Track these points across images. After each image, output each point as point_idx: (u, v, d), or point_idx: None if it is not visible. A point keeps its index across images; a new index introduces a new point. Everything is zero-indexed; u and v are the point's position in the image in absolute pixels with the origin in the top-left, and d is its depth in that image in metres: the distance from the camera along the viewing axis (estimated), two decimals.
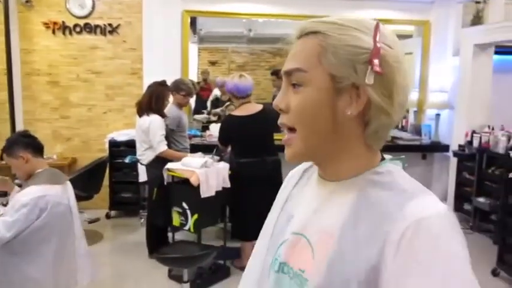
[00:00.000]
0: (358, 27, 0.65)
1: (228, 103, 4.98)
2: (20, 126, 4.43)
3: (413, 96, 4.92)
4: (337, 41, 0.64)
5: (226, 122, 3.37)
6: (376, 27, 0.65)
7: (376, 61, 0.63)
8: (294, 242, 0.71)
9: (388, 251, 0.58)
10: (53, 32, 4.50)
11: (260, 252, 0.80)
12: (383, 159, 0.71)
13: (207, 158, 3.08)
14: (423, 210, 0.59)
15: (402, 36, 5.70)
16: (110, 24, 4.54)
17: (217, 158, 3.24)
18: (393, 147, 4.50)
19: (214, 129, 4.54)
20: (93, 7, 4.52)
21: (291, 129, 0.68)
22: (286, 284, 0.70)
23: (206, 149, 3.78)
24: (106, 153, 4.39)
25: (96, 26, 4.53)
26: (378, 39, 0.64)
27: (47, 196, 2.24)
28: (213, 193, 2.97)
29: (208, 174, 2.96)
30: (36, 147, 2.44)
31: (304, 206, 0.74)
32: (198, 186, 2.91)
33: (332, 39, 0.65)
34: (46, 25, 4.48)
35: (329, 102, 0.65)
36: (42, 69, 4.56)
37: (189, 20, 4.68)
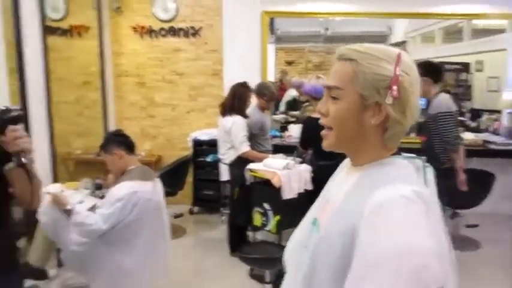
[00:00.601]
0: (383, 57, 0.87)
1: (306, 104, 4.94)
2: (111, 124, 4.73)
3: (508, 95, 4.56)
4: (366, 69, 0.86)
5: (305, 124, 3.34)
6: (398, 57, 0.87)
7: (394, 87, 0.85)
8: (324, 204, 1.00)
9: (362, 216, 0.79)
10: (141, 35, 4.75)
11: (306, 217, 1.06)
12: (398, 155, 0.94)
13: (289, 160, 3.08)
14: (390, 193, 0.80)
15: (494, 32, 5.32)
16: (192, 27, 4.70)
17: (299, 159, 3.23)
18: (485, 152, 4.21)
19: (294, 129, 4.54)
20: (177, 11, 4.70)
21: (329, 128, 0.92)
22: (313, 230, 0.96)
23: (286, 149, 3.79)
24: (189, 152, 4.55)
25: (180, 29, 4.71)
26: (398, 68, 0.85)
27: (138, 192, 2.36)
28: (294, 195, 2.96)
29: (290, 175, 2.95)
30: (128, 145, 2.58)
31: (336, 183, 1.02)
32: (280, 187, 2.92)
33: (362, 66, 0.87)
34: (134, 29, 4.73)
35: (357, 113, 0.88)
36: (130, 71, 4.83)
37: (268, 21, 4.71)
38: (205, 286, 3.20)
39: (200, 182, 4.62)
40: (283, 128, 5.02)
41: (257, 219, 3.16)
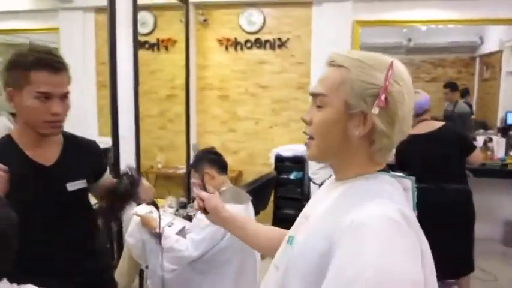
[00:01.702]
0: (374, 64, 0.82)
1: None
2: (193, 138, 4.67)
3: None
4: (355, 76, 0.82)
5: (401, 143, 2.98)
6: (390, 65, 0.81)
7: (382, 96, 0.79)
8: (301, 222, 0.94)
9: (337, 236, 0.75)
10: (226, 48, 4.66)
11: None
12: (386, 171, 0.87)
13: None
14: (367, 213, 0.74)
15: None
16: (279, 39, 4.53)
17: None
18: None
19: None
20: (264, 23, 4.56)
21: (311, 138, 0.88)
22: (287, 249, 0.91)
23: None
24: (270, 168, 4.36)
25: (266, 41, 4.56)
26: (388, 77, 0.80)
27: None
28: None
29: None
30: (221, 164, 2.41)
31: (315, 198, 0.98)
32: None
33: (351, 74, 0.82)
34: (219, 42, 4.66)
35: (341, 122, 0.83)
36: (214, 84, 4.76)
37: (359, 31, 4.42)
38: None
39: (281, 200, 4.39)
40: None
41: None
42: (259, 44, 4.58)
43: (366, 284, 0.67)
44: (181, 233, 2.37)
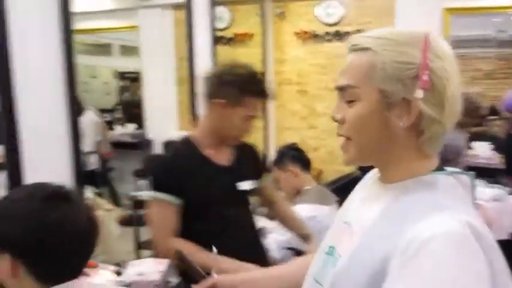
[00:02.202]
0: (406, 40, 0.69)
1: (490, 117, 4.15)
2: (271, 135, 4.59)
3: None
4: (385, 58, 0.69)
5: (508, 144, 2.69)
6: (426, 40, 0.68)
7: (424, 76, 0.67)
8: (343, 230, 0.80)
9: (395, 255, 0.62)
10: (303, 41, 4.52)
11: (321, 245, 0.87)
12: (440, 168, 0.74)
13: (498, 188, 2.46)
14: (433, 226, 0.61)
15: None
16: (358, 30, 4.28)
17: (510, 189, 2.59)
18: None
19: (480, 148, 3.82)
20: (343, 14, 4.36)
21: (347, 138, 0.76)
22: (329, 262, 0.78)
23: (476, 172, 3.14)
24: (353, 167, 4.16)
25: (346, 33, 4.34)
26: (427, 52, 0.67)
27: (317, 217, 2.06)
28: (507, 235, 2.33)
29: (502, 210, 2.34)
30: (305, 161, 2.30)
31: (358, 202, 0.83)
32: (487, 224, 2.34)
33: (381, 55, 0.69)
34: (297, 34, 4.52)
35: (380, 115, 0.71)
36: (292, 79, 4.63)
37: (449, 20, 4.07)
38: None
39: None
40: None
41: None
42: (338, 36, 4.37)
43: None
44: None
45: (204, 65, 3.34)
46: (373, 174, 0.86)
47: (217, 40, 4.46)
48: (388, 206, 0.72)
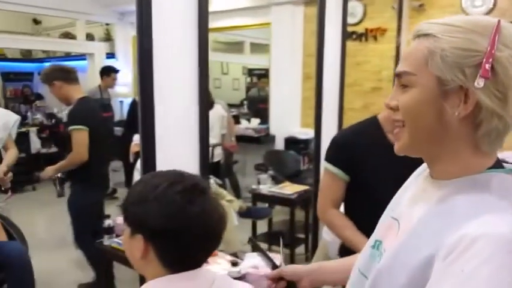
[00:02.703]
0: (474, 28, 0.64)
1: None
2: None
3: None
4: (446, 44, 0.64)
5: None
6: (496, 26, 0.63)
7: (487, 65, 0.62)
8: (390, 225, 0.78)
9: (441, 254, 0.60)
10: None
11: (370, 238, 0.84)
12: (498, 166, 0.69)
13: None
14: (484, 226, 0.59)
15: None
16: None
17: None
18: None
19: None
20: (495, 4, 3.87)
21: (401, 125, 0.71)
22: (375, 257, 0.77)
23: None
24: None
25: None
26: (494, 40, 0.62)
27: None
28: None
29: None
30: None
31: (408, 198, 0.79)
32: None
33: (442, 41, 0.65)
34: None
35: (435, 102, 0.66)
36: None
37: None
38: None
39: None
40: None
41: None
42: None
43: None
44: None
45: (332, 61, 3.23)
46: (423, 169, 0.81)
47: (347, 35, 4.33)
48: (436, 205, 0.68)
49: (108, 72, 4.99)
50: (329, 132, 3.22)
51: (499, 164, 0.70)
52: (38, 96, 7.54)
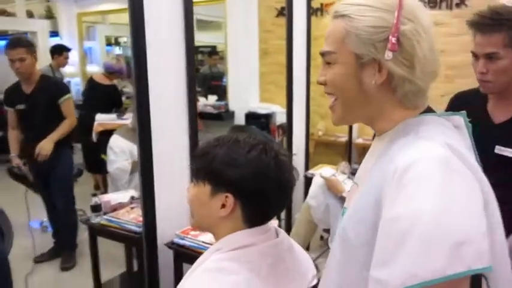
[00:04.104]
0: (381, 5, 0.73)
1: None
2: None
3: None
4: (359, 23, 0.74)
5: None
6: (399, 3, 0.72)
7: (393, 38, 0.72)
8: (353, 189, 0.88)
9: (384, 189, 0.68)
10: None
11: None
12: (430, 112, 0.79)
13: None
14: (412, 155, 0.67)
15: None
16: None
17: None
18: None
19: None
20: None
21: (333, 97, 0.82)
22: (342, 220, 0.82)
23: None
24: None
25: (441, 0, 4.15)
26: (398, 16, 0.72)
27: None
28: None
29: None
30: None
31: (363, 163, 0.89)
32: None
33: (355, 21, 0.75)
34: None
35: (354, 74, 0.77)
36: None
37: None
38: None
39: None
40: None
41: None
42: (433, 3, 4.19)
43: (421, 233, 0.60)
44: None
45: (299, 36, 3.33)
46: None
47: (313, 11, 4.42)
48: (378, 157, 0.78)
49: (60, 51, 4.77)
50: (297, 105, 3.35)
51: (431, 111, 0.80)
52: None
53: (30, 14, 6.67)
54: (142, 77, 1.86)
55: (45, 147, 2.99)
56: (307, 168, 3.50)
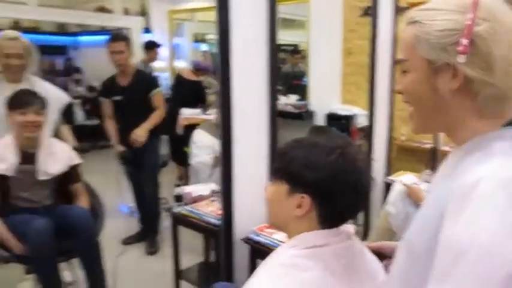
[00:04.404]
0: (452, 7, 0.71)
1: None
2: None
3: None
4: (429, 28, 0.72)
5: None
6: (474, 3, 0.69)
7: (463, 40, 0.68)
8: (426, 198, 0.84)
9: (447, 203, 0.66)
10: None
11: None
12: None
13: None
14: (480, 172, 0.64)
15: None
16: None
17: None
18: None
19: None
20: None
21: (410, 106, 0.80)
22: None
23: None
24: None
25: None
26: (472, 16, 0.68)
27: None
28: None
29: None
30: None
31: (439, 170, 0.85)
32: None
33: (425, 26, 0.73)
34: None
35: (427, 81, 0.74)
36: None
37: None
38: None
39: None
40: None
41: None
42: None
43: (474, 260, 0.59)
44: None
45: (384, 38, 3.24)
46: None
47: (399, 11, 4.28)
48: (453, 165, 0.75)
49: (151, 47, 5.09)
50: (381, 109, 3.27)
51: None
52: (76, 69, 7.68)
53: (126, 11, 7.16)
54: (227, 75, 1.93)
55: (141, 134, 3.21)
56: (387, 174, 3.41)
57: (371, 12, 3.13)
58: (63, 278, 2.39)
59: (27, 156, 2.31)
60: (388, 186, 2.97)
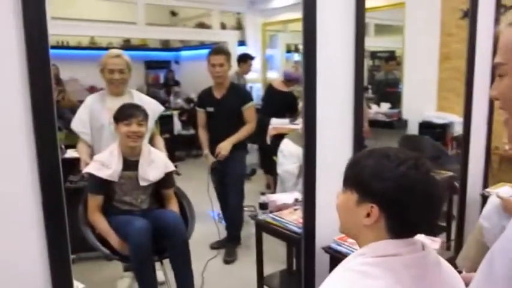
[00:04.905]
0: None
1: None
2: None
3: None
4: None
5: None
6: None
7: None
8: None
9: None
10: None
11: None
12: None
13: None
14: None
15: None
16: None
17: None
18: None
19: None
20: None
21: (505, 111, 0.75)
22: None
23: None
24: None
25: None
26: None
27: None
28: None
29: None
30: None
31: None
32: None
33: None
34: None
35: None
36: None
37: None
38: None
39: None
40: None
41: None
42: None
43: None
44: None
45: (484, 43, 3.03)
46: None
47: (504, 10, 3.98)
48: None
49: (245, 59, 5.31)
50: (478, 116, 3.07)
51: None
52: (176, 82, 8.26)
53: (223, 26, 7.54)
54: (312, 85, 1.97)
55: (225, 147, 3.36)
56: (485, 186, 3.17)
57: (469, 12, 2.95)
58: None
59: (130, 164, 2.55)
60: (484, 199, 2.77)
